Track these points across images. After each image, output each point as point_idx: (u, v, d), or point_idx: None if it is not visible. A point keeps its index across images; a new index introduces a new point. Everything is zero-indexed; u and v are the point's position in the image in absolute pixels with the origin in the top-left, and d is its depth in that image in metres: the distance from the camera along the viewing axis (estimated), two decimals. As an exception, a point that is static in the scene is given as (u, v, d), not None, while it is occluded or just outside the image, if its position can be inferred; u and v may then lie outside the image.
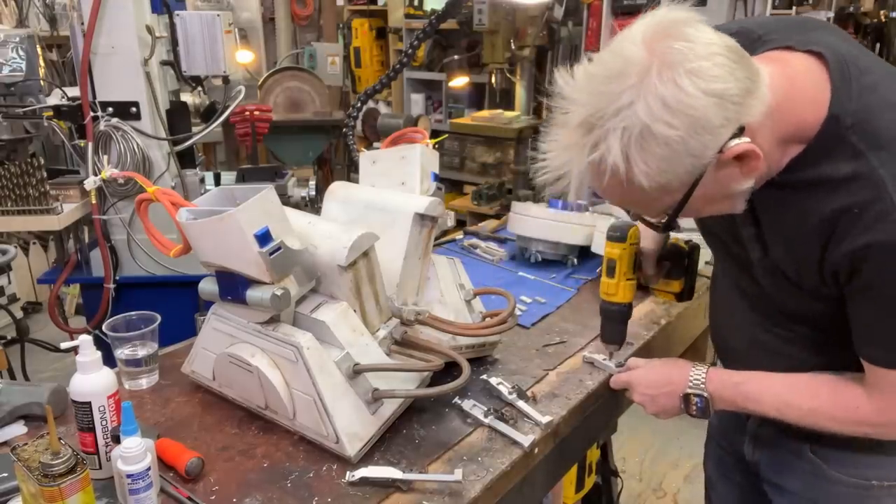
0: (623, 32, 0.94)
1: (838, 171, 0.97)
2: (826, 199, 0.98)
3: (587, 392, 1.42)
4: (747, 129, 0.93)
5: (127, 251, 2.42)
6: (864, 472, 1.21)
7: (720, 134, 0.91)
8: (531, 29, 4.24)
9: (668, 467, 3.11)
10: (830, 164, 0.98)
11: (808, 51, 1.01)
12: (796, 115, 0.99)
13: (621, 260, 1.41)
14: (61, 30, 4.46)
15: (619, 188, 0.95)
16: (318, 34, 5.79)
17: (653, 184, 0.92)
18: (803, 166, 1.00)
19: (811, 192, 1.00)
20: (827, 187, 0.98)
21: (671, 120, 0.88)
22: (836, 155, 0.97)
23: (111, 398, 1.13)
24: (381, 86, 2.47)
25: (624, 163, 0.90)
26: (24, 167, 2.19)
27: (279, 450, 1.23)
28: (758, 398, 1.19)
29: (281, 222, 1.17)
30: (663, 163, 0.91)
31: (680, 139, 0.89)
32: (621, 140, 0.89)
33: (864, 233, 0.95)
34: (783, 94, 0.96)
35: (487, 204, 4.50)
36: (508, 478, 1.20)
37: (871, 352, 1.05)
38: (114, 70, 2.25)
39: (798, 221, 1.03)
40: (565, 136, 0.96)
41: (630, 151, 0.90)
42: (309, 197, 2.71)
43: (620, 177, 0.92)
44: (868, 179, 0.95)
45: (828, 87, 0.98)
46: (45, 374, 3.36)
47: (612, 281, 1.42)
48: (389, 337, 1.30)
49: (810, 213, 1.01)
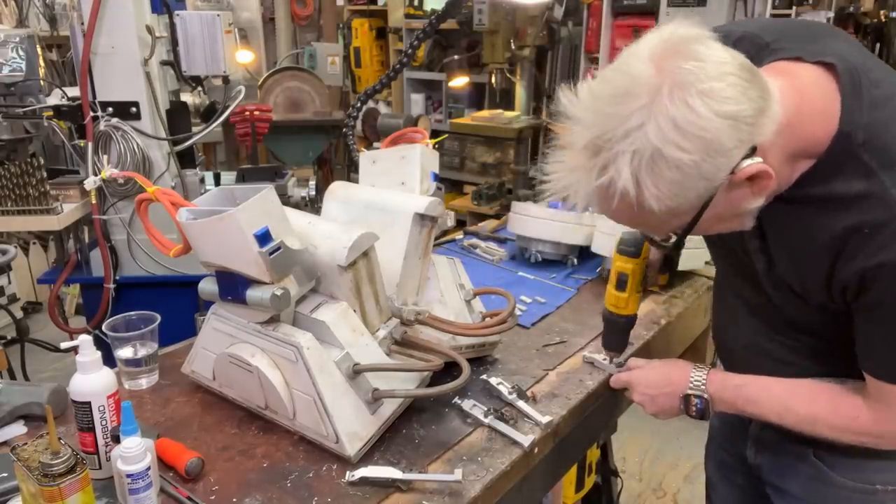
0: (629, 49, 0.92)
1: (849, 188, 0.95)
2: (836, 216, 0.97)
3: (587, 392, 1.42)
4: (759, 148, 0.90)
5: (127, 251, 2.42)
6: (869, 476, 1.20)
7: (733, 156, 0.89)
8: (531, 29, 4.24)
9: (668, 467, 3.11)
10: (841, 181, 0.96)
11: (817, 62, 0.99)
12: (807, 131, 0.97)
13: (633, 275, 1.38)
14: (61, 30, 4.46)
15: (628, 212, 0.93)
16: (318, 34, 5.79)
17: (663, 207, 0.90)
18: (813, 182, 0.99)
19: (821, 209, 0.99)
20: (837, 204, 0.97)
21: (683, 143, 0.85)
22: (846, 172, 0.96)
23: (111, 398, 1.13)
24: (381, 86, 2.46)
25: (634, 187, 0.87)
26: (24, 167, 2.19)
27: (279, 450, 1.23)
28: (757, 401, 1.19)
29: (281, 222, 1.17)
30: (675, 186, 0.88)
31: (693, 163, 0.86)
32: (631, 164, 0.86)
33: (876, 253, 0.94)
34: (794, 109, 0.94)
35: (487, 204, 4.50)
36: (508, 478, 1.20)
37: (874, 366, 1.05)
38: (114, 70, 2.25)
39: (806, 237, 1.02)
40: (571, 157, 0.93)
41: (640, 175, 0.87)
42: (309, 197, 2.71)
43: (630, 201, 0.89)
44: (881, 199, 0.94)
45: (838, 100, 0.96)
46: (45, 374, 3.36)
47: (622, 295, 1.39)
48: (389, 337, 1.30)
49: (819, 229, 0.99)
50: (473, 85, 5.11)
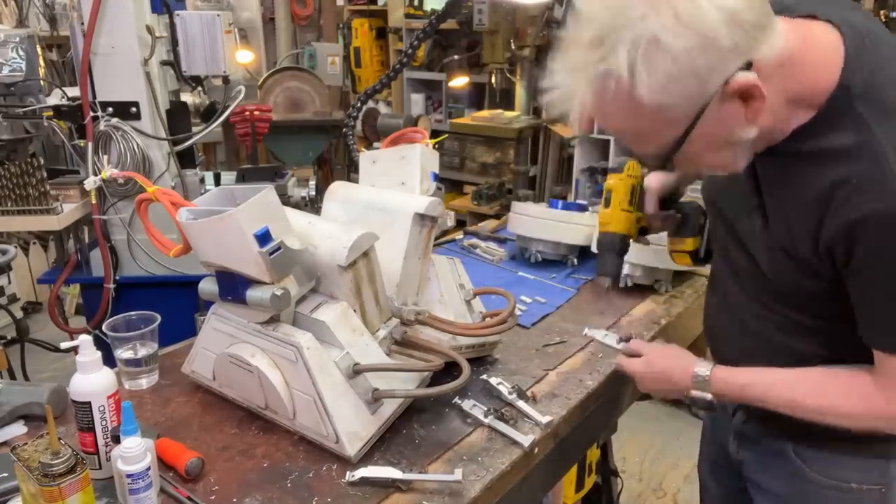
0: None
1: (841, 141, 0.96)
2: (826, 170, 0.98)
3: (587, 392, 1.42)
4: (755, 68, 0.91)
5: (127, 251, 2.42)
6: (844, 473, 1.20)
7: (727, 60, 0.90)
8: (531, 29, 4.23)
9: (668, 467, 3.11)
10: (834, 134, 0.97)
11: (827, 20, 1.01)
12: (807, 77, 0.98)
13: (616, 190, 1.42)
14: (61, 30, 4.46)
15: (620, 110, 0.94)
16: (318, 34, 5.78)
17: (654, 102, 0.90)
18: (808, 136, 1.00)
19: (812, 163, 0.99)
20: (828, 158, 0.98)
21: (680, 31, 0.87)
22: (841, 125, 0.97)
23: (111, 398, 1.13)
24: (381, 86, 2.47)
25: (629, 76, 0.89)
26: (24, 167, 2.19)
27: (279, 450, 1.23)
28: (764, 400, 1.17)
29: (281, 222, 1.17)
30: (668, 79, 0.89)
31: (687, 54, 0.87)
32: (629, 52, 0.88)
33: (862, 204, 0.94)
34: (797, 51, 0.96)
35: (487, 204, 4.50)
36: (508, 478, 1.20)
37: (877, 338, 1.03)
38: (114, 70, 2.25)
39: (798, 192, 1.02)
40: (574, 54, 0.95)
41: (636, 64, 0.88)
42: (309, 197, 2.70)
43: (623, 93, 0.90)
44: (869, 150, 0.94)
45: (841, 54, 0.98)
46: (45, 374, 3.36)
47: (606, 211, 1.43)
48: (389, 337, 1.30)
49: (810, 184, 1.00)
50: (473, 85, 5.10)
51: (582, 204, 2.17)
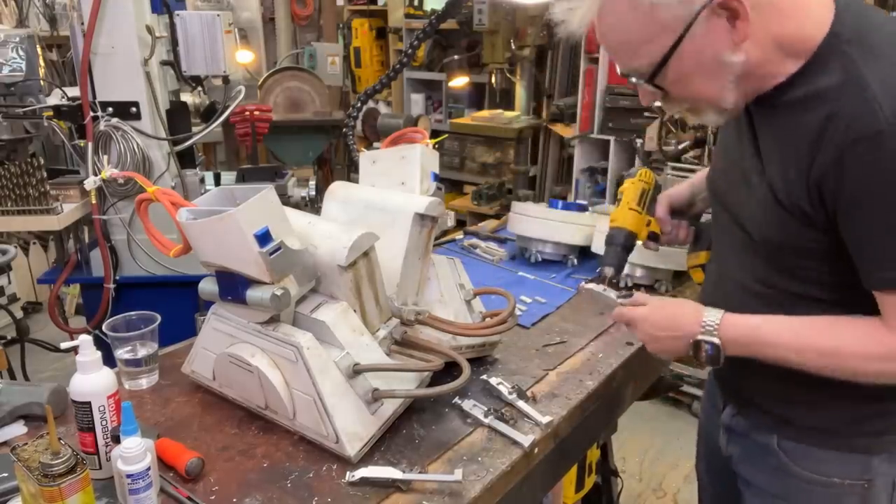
0: None
1: (830, 81, 0.99)
2: (816, 110, 1.00)
3: (587, 392, 1.42)
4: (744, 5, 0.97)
5: (127, 251, 2.42)
6: (826, 468, 1.20)
7: None
8: (531, 29, 4.23)
9: (668, 467, 3.11)
10: (824, 76, 1.00)
11: None
12: (797, 24, 1.02)
13: (627, 191, 1.56)
14: (61, 30, 4.46)
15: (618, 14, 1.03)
16: (318, 34, 5.78)
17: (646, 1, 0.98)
18: (800, 83, 1.03)
19: (804, 107, 1.02)
20: (818, 99, 1.00)
21: None
22: (831, 68, 1.00)
23: (111, 398, 1.13)
24: (381, 86, 2.47)
25: None
26: (24, 167, 2.20)
27: (279, 450, 1.23)
28: (776, 342, 1.12)
29: (281, 222, 1.17)
30: None
31: None
32: None
33: (847, 132, 0.96)
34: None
35: (487, 204, 4.50)
36: (508, 478, 1.20)
37: (880, 276, 1.01)
38: (114, 70, 2.25)
39: (791, 136, 1.05)
40: None
41: None
42: (309, 197, 2.71)
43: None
44: (856, 84, 0.97)
45: (832, 9, 1.02)
46: (45, 374, 3.36)
47: (616, 208, 1.55)
48: (389, 337, 1.30)
49: (803, 126, 1.02)
50: (473, 85, 5.10)
51: (582, 204, 2.18)
